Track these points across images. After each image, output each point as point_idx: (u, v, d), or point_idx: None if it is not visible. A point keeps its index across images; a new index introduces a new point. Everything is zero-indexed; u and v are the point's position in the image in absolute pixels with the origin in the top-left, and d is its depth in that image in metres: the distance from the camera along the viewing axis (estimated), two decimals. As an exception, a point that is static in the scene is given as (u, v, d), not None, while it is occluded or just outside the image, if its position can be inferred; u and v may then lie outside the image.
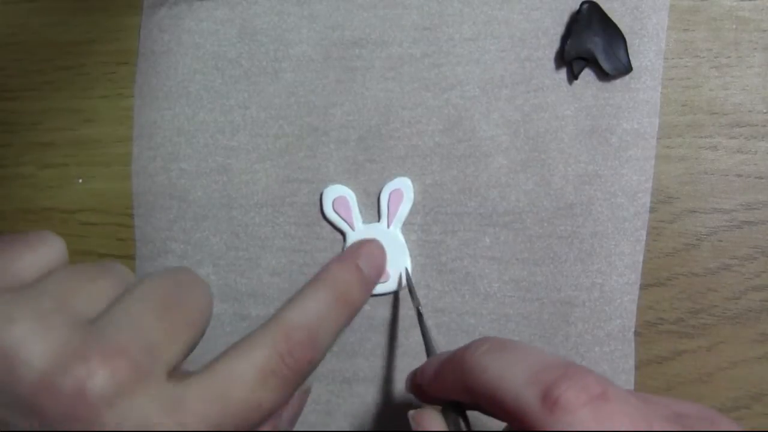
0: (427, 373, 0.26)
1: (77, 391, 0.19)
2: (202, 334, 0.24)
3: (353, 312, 0.30)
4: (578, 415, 0.19)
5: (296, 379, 0.25)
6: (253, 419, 0.23)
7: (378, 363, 0.36)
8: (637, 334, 0.35)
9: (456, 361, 0.24)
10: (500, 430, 0.24)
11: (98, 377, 0.19)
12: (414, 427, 0.24)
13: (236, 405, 0.22)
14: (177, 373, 0.22)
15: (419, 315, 0.32)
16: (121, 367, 0.20)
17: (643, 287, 0.35)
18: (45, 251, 0.22)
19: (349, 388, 0.36)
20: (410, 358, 0.35)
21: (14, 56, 0.38)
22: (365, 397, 0.36)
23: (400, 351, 0.36)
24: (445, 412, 0.25)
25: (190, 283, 0.24)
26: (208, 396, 0.21)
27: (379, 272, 0.32)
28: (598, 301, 0.35)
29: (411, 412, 0.25)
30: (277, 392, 0.23)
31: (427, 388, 0.26)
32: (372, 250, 0.32)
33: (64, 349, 0.19)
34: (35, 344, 0.19)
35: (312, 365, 0.26)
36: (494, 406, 0.22)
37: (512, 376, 0.21)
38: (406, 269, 0.35)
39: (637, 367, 0.35)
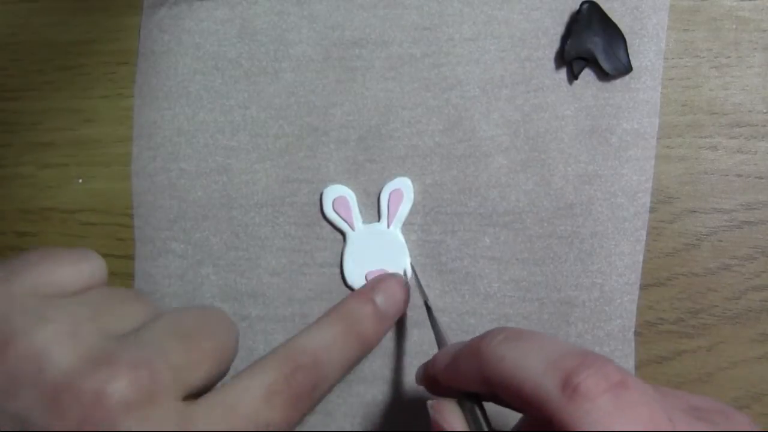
0: (441, 363, 0.26)
1: (97, 395, 0.20)
2: (227, 368, 0.25)
3: (365, 345, 0.30)
4: (598, 402, 0.19)
5: (301, 401, 0.25)
6: None
7: (378, 363, 0.36)
8: (637, 334, 0.35)
9: (472, 350, 0.24)
10: (514, 427, 0.24)
11: (119, 383, 0.20)
12: (432, 414, 0.24)
13: (242, 422, 0.23)
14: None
15: (428, 308, 0.32)
16: (143, 377, 0.20)
17: (643, 287, 0.35)
18: (86, 267, 0.23)
19: (348, 388, 0.36)
20: (411, 357, 0.35)
21: (14, 56, 0.38)
22: (365, 397, 0.36)
23: (400, 351, 0.36)
24: (460, 403, 0.24)
25: (218, 320, 0.25)
26: (216, 413, 0.22)
27: (398, 308, 0.32)
28: (598, 301, 0.35)
29: (430, 402, 0.25)
30: (282, 411, 0.24)
31: (441, 379, 0.26)
32: (392, 285, 0.32)
33: (91, 354, 0.20)
34: (65, 346, 0.20)
35: (316, 390, 0.26)
36: (512, 396, 0.21)
37: (530, 365, 0.21)
38: (411, 265, 0.35)
39: (637, 367, 0.35)
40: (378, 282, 0.32)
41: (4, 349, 0.20)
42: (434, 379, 0.26)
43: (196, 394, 0.22)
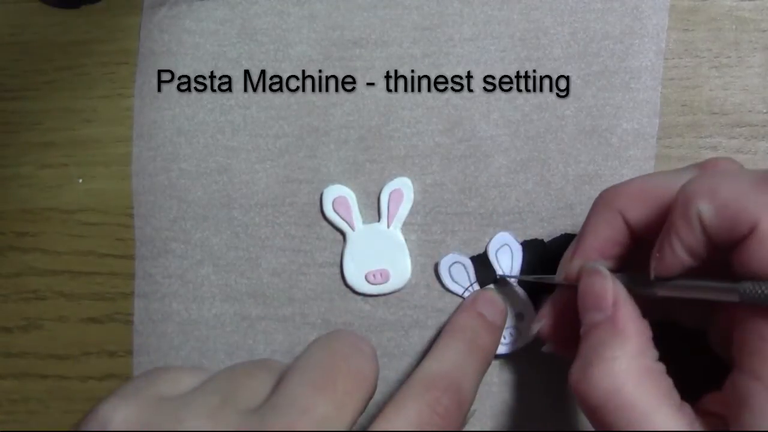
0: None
1: None
2: (370, 397, 0.23)
3: (487, 355, 0.30)
4: None
5: (450, 426, 0.24)
6: None
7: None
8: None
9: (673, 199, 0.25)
10: None
11: None
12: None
13: None
14: None
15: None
16: None
17: (643, 287, 0.35)
18: (204, 375, 0.23)
19: (349, 388, 0.36)
20: (410, 358, 0.35)
21: (14, 56, 0.38)
22: (365, 397, 0.36)
23: (399, 351, 0.36)
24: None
25: (349, 351, 0.24)
26: None
27: (502, 316, 0.32)
28: (598, 301, 0.35)
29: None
30: None
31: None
32: (488, 296, 0.33)
33: None
34: None
35: (461, 410, 0.26)
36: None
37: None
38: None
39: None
40: (475, 297, 0.32)
41: None
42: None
43: None
